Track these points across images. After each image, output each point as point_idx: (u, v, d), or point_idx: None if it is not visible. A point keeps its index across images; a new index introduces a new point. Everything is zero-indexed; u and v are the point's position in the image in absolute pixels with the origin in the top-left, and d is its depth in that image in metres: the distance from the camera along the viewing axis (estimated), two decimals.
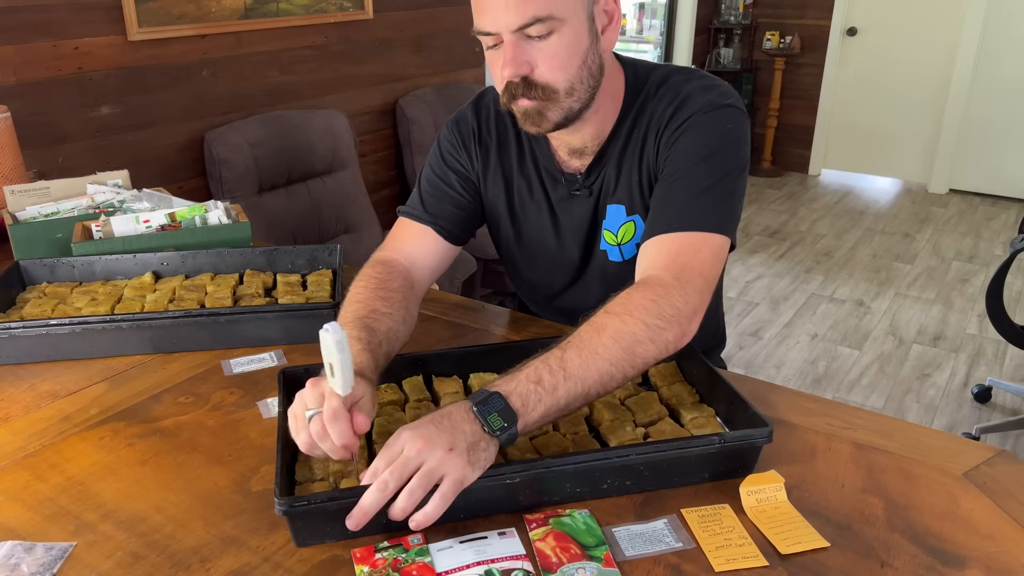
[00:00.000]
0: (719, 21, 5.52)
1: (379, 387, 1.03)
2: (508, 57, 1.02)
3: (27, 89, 2.02)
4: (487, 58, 1.08)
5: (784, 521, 0.83)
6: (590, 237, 1.23)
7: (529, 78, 1.03)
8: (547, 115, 1.06)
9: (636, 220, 1.18)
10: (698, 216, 1.03)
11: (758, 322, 3.42)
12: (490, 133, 1.24)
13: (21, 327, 1.15)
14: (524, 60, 1.02)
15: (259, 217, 2.42)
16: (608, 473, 0.86)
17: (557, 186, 1.21)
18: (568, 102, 1.06)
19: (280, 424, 0.90)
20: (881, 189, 5.36)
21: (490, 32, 1.02)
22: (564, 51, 1.03)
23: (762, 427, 0.88)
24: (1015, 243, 2.24)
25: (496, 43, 1.04)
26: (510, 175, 1.24)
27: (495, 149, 1.24)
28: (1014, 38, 4.76)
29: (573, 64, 1.04)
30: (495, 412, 0.83)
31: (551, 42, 1.02)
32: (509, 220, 1.26)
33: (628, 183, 1.17)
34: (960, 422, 2.69)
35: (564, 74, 1.04)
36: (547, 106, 1.05)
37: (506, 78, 1.03)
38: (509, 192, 1.25)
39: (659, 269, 1.00)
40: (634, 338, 0.91)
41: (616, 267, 1.22)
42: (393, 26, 3.02)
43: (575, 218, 1.22)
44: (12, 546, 0.81)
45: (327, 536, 0.81)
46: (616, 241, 1.20)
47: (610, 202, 1.19)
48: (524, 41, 1.02)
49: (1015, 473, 0.91)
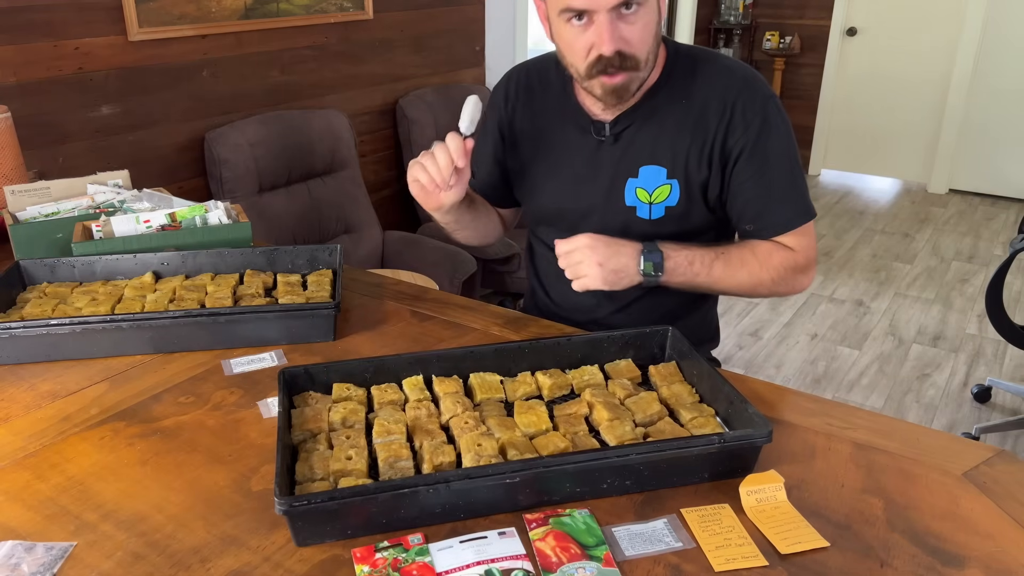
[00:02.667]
0: (719, 21, 5.52)
1: (379, 386, 1.04)
2: (607, 34, 1.09)
3: (27, 89, 2.02)
4: (565, 33, 1.14)
5: (784, 521, 0.83)
6: (614, 187, 1.29)
7: (622, 51, 1.11)
8: (630, 87, 1.16)
9: (674, 184, 1.26)
10: (803, 210, 1.26)
11: (758, 322, 3.42)
12: (520, 103, 1.37)
13: (21, 327, 1.15)
14: (619, 36, 1.10)
15: (259, 217, 2.42)
16: (608, 473, 0.86)
17: (585, 135, 1.29)
18: (644, 72, 1.17)
19: (280, 424, 0.90)
20: (881, 189, 5.36)
21: (585, 9, 1.09)
22: (650, 26, 1.13)
23: (762, 427, 0.88)
24: (1015, 243, 2.24)
25: (585, 19, 1.10)
26: (538, 135, 1.34)
27: (525, 116, 1.36)
28: (1014, 38, 4.76)
29: (651, 37, 1.14)
30: (652, 262, 1.16)
31: (640, 17, 1.11)
32: (541, 173, 1.35)
33: (672, 147, 1.25)
34: (960, 422, 2.69)
35: (647, 47, 1.14)
36: (632, 78, 1.15)
37: (605, 53, 1.10)
38: (538, 150, 1.35)
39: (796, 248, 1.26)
40: (759, 282, 1.24)
41: (642, 225, 1.29)
42: (393, 26, 3.02)
43: (602, 165, 1.29)
44: (12, 546, 0.81)
45: (327, 536, 0.81)
46: (649, 200, 1.27)
47: (648, 163, 1.26)
48: (618, 18, 1.09)
49: (1015, 473, 0.91)
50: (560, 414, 1.00)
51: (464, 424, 0.95)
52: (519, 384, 1.06)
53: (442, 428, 0.97)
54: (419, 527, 0.83)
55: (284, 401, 0.96)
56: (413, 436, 0.95)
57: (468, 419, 0.96)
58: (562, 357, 1.10)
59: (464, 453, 0.89)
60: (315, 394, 1.02)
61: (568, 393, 1.07)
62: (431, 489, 0.81)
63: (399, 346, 1.23)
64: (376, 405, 1.01)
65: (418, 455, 0.92)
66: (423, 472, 0.88)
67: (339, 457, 0.89)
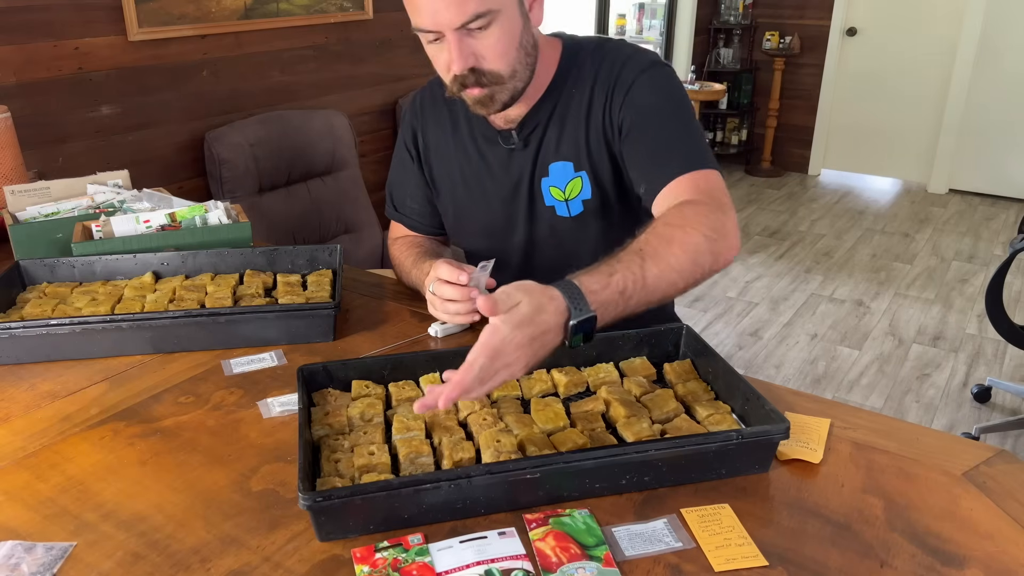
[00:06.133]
0: (719, 21, 5.53)
1: (397, 383, 1.05)
2: (455, 53, 1.09)
3: (27, 89, 2.02)
4: (428, 51, 1.16)
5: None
6: (532, 191, 1.30)
7: (476, 68, 1.11)
8: (496, 98, 1.16)
9: (583, 176, 1.26)
10: (696, 157, 1.13)
11: (758, 322, 3.42)
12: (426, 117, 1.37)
13: (21, 327, 1.15)
14: (469, 53, 1.10)
15: (259, 217, 2.42)
16: (627, 469, 0.86)
17: (494, 146, 1.30)
18: (512, 83, 1.16)
19: (301, 420, 0.91)
20: (881, 189, 5.36)
21: (431, 30, 1.09)
22: (504, 39, 1.11)
23: (779, 423, 0.89)
24: (1015, 243, 2.25)
25: (437, 38, 1.10)
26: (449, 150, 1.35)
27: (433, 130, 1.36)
28: (1014, 38, 4.76)
29: (512, 49, 1.13)
30: (581, 334, 0.89)
31: (491, 33, 1.10)
32: (459, 190, 1.36)
33: (574, 141, 1.25)
34: (960, 422, 2.69)
35: (506, 60, 1.13)
36: (496, 90, 1.15)
37: (456, 72, 1.12)
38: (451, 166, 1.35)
39: (702, 196, 1.07)
40: (697, 249, 0.99)
41: (565, 223, 1.30)
42: (393, 26, 3.02)
43: (515, 172, 1.30)
44: (12, 546, 0.81)
45: (350, 531, 0.81)
46: (563, 197, 1.28)
47: (555, 159, 1.27)
48: (466, 35, 1.09)
49: (1014, 473, 0.91)
50: (577, 411, 1.01)
51: (482, 421, 0.96)
52: (535, 381, 1.06)
53: (460, 425, 0.97)
54: (440, 522, 0.83)
55: (303, 398, 0.97)
56: (432, 433, 0.95)
57: (486, 416, 0.97)
58: (577, 354, 1.10)
59: (483, 449, 0.90)
60: (334, 391, 1.03)
61: (584, 390, 1.07)
62: (453, 484, 0.81)
63: (399, 346, 1.23)
64: (394, 402, 1.02)
65: (437, 451, 0.92)
66: (443, 468, 0.89)
67: (362, 453, 0.90)
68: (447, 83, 1.16)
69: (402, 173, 1.43)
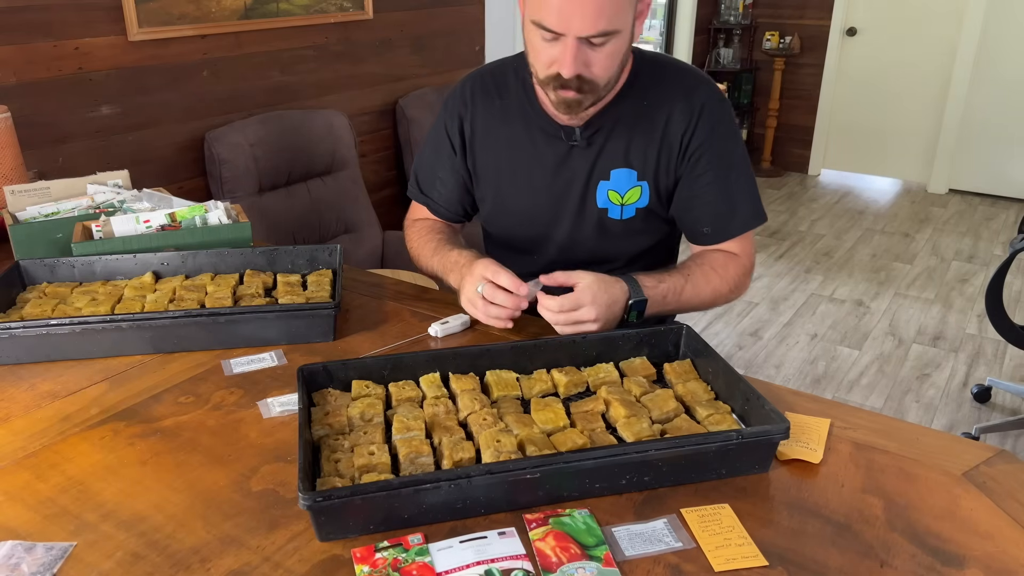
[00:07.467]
0: (719, 21, 5.53)
1: (397, 383, 1.05)
2: (569, 59, 1.12)
3: (27, 89, 2.02)
4: (534, 38, 1.17)
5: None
6: (586, 190, 1.34)
7: (583, 76, 1.14)
8: (584, 103, 1.20)
9: (644, 186, 1.33)
10: (757, 213, 1.35)
11: (757, 322, 3.42)
12: (476, 106, 1.38)
13: (21, 327, 1.15)
14: (582, 62, 1.13)
15: (259, 217, 2.42)
16: (627, 469, 0.86)
17: (554, 141, 1.32)
18: (602, 92, 1.21)
19: (301, 420, 0.91)
20: (880, 189, 5.36)
21: (555, 31, 1.11)
22: (616, 56, 1.16)
23: (779, 423, 0.89)
24: (1015, 243, 2.25)
25: (555, 37, 1.12)
26: (498, 140, 1.36)
27: (483, 120, 1.37)
28: (1014, 38, 4.76)
29: (617, 64, 1.18)
30: (635, 312, 1.21)
31: (607, 48, 1.13)
32: (504, 179, 1.38)
33: (643, 152, 1.30)
34: (960, 422, 2.69)
35: (609, 72, 1.18)
36: (587, 97, 1.19)
37: (564, 75, 1.14)
38: (499, 156, 1.37)
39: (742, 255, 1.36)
40: (718, 294, 1.32)
41: (615, 226, 1.36)
42: (393, 26, 3.02)
43: (571, 168, 1.33)
44: (12, 546, 0.81)
45: (350, 531, 0.81)
46: (620, 202, 1.33)
47: (619, 166, 1.31)
48: (585, 44, 1.12)
49: (1014, 473, 0.91)
50: (577, 411, 1.01)
51: (482, 421, 0.96)
52: (535, 381, 1.07)
53: (460, 425, 0.97)
54: (440, 522, 0.83)
55: (303, 397, 0.97)
56: (432, 433, 0.95)
57: (486, 416, 0.97)
58: (577, 355, 1.11)
59: (484, 449, 0.90)
60: (334, 391, 1.03)
61: (584, 390, 1.07)
62: (453, 484, 0.81)
63: (399, 346, 1.22)
64: (394, 402, 1.02)
65: (437, 451, 0.92)
66: (443, 468, 0.89)
67: (362, 453, 0.90)
68: (541, 75, 1.19)
69: (436, 157, 1.44)
